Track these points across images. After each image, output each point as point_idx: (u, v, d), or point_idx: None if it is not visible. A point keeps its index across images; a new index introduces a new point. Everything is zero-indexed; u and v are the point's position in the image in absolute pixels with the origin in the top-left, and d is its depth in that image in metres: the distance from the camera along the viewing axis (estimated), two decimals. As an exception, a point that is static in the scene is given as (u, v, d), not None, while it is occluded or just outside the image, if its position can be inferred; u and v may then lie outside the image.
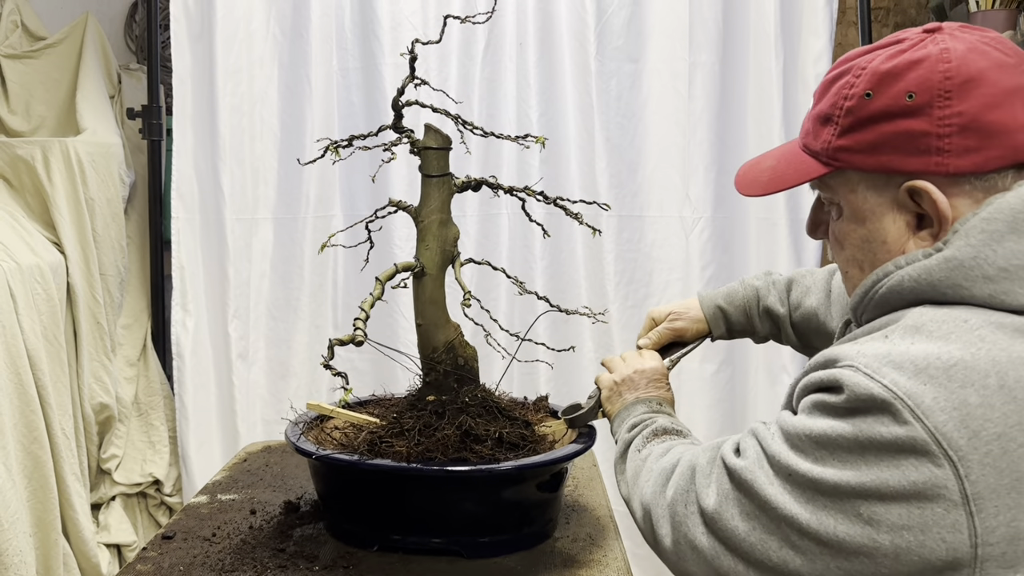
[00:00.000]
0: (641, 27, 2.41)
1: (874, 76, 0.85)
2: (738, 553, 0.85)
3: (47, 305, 2.10)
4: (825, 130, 0.89)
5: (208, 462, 2.40)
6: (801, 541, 0.79)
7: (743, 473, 0.85)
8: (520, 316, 2.45)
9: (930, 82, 0.82)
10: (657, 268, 2.46)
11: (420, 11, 2.40)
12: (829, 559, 0.78)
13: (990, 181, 0.83)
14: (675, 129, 2.43)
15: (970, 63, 0.82)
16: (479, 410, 1.22)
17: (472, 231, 2.43)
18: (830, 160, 0.89)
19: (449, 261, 1.25)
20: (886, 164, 0.85)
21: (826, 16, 2.40)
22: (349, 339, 1.10)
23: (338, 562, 1.14)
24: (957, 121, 0.82)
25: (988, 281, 0.80)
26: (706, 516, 0.88)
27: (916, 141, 0.83)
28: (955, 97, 0.82)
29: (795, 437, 0.81)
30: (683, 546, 0.91)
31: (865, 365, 0.77)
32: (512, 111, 2.42)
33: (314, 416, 1.32)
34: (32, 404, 1.99)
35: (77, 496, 2.14)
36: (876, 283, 0.87)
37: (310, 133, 2.38)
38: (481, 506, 1.18)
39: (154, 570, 1.13)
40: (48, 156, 2.25)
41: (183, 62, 2.37)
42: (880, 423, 0.75)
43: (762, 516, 0.83)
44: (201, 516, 1.32)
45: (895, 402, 0.74)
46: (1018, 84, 0.82)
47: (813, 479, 0.78)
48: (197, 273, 2.42)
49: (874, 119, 0.85)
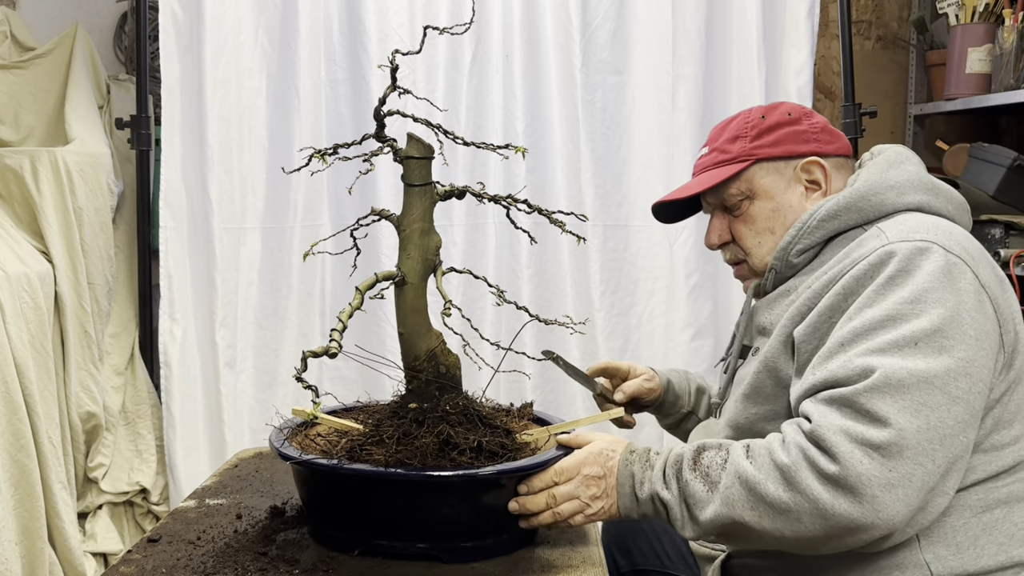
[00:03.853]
0: (625, 40, 2.45)
1: (761, 109, 1.33)
2: (924, 449, 1.01)
3: (35, 314, 2.10)
4: (737, 144, 1.30)
5: (195, 471, 2.40)
6: (959, 384, 1.03)
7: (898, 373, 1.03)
8: (507, 324, 2.47)
9: (796, 108, 1.33)
10: (642, 277, 2.49)
11: (408, 23, 2.42)
12: (980, 367, 1.05)
13: (843, 160, 1.32)
14: (659, 140, 2.46)
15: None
16: (459, 418, 1.22)
17: (459, 240, 2.45)
18: (747, 157, 1.29)
19: (431, 270, 1.26)
20: (788, 150, 1.29)
21: (808, 29, 2.44)
22: (323, 351, 1.10)
23: (318, 566, 1.15)
24: (819, 125, 1.31)
25: (890, 190, 1.21)
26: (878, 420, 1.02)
27: (801, 135, 1.29)
28: (811, 115, 1.33)
29: (894, 312, 1.06)
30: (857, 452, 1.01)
31: (895, 238, 1.12)
32: (499, 122, 2.45)
33: (300, 422, 1.34)
34: (19, 412, 1.99)
35: (64, 505, 2.15)
36: (810, 216, 1.23)
37: (298, 143, 2.40)
38: (460, 511, 1.19)
39: (137, 572, 1.14)
40: (37, 166, 2.26)
41: (172, 72, 2.39)
42: (932, 259, 1.08)
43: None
44: (188, 520, 1.33)
45: (931, 246, 1.09)
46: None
47: (936, 324, 1.05)
48: (185, 282, 2.43)
49: (771, 128, 1.30)
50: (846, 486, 0.99)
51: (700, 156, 1.37)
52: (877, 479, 0.98)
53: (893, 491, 0.98)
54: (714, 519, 1.08)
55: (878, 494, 0.98)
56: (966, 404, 1.02)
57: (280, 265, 2.45)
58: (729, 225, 1.34)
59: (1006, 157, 2.53)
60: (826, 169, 1.28)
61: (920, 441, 0.99)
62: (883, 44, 3.09)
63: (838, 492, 1.00)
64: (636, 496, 1.16)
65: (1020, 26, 2.56)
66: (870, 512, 0.99)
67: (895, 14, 3.10)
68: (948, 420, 1.01)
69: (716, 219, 1.36)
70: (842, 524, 1.00)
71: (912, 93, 3.11)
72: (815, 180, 1.29)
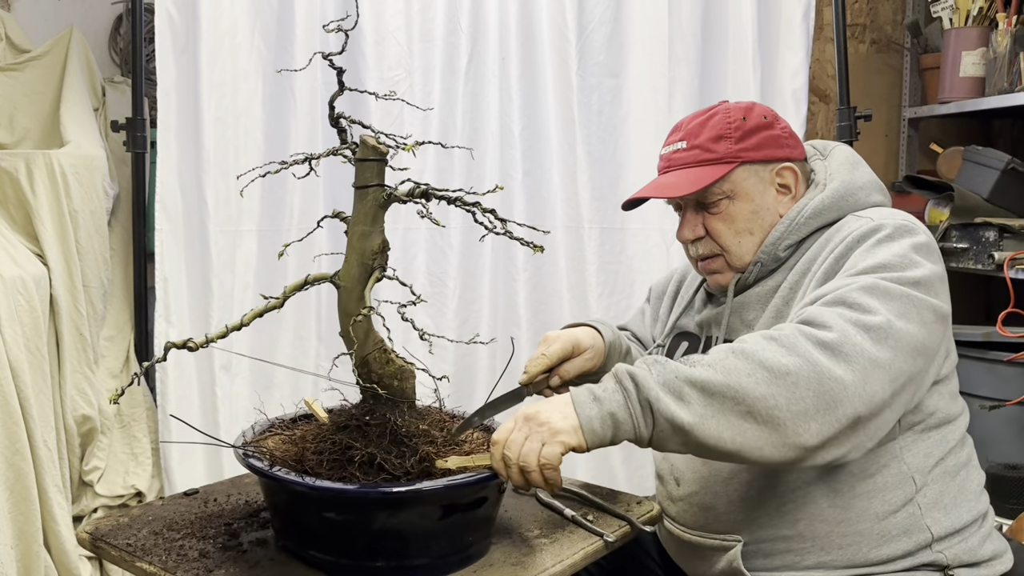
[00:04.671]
0: (622, 43, 2.45)
1: (739, 109, 1.34)
2: (902, 348, 1.09)
3: (30, 317, 2.10)
4: (722, 144, 1.32)
5: (190, 474, 2.40)
6: (929, 315, 1.13)
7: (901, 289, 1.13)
8: (504, 327, 2.47)
9: (768, 112, 1.36)
10: (639, 279, 2.49)
11: (404, 27, 2.43)
12: (942, 327, 1.17)
13: (803, 163, 1.38)
14: (655, 143, 2.43)
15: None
16: (378, 431, 1.14)
17: (455, 243, 2.45)
18: (733, 159, 1.31)
19: (368, 274, 1.20)
20: (768, 155, 1.33)
21: (803, 32, 2.45)
22: (182, 344, 1.12)
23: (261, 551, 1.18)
24: (788, 130, 1.36)
25: (860, 190, 1.31)
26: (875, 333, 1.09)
27: (776, 140, 1.34)
28: (779, 120, 1.36)
29: (885, 262, 1.15)
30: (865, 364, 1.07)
31: (879, 219, 1.22)
32: (495, 125, 2.45)
33: (267, 426, 1.33)
34: (14, 416, 1.99)
35: (59, 508, 2.14)
36: (798, 213, 1.31)
37: (294, 146, 2.40)
38: (351, 528, 1.12)
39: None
40: (32, 168, 2.25)
41: (168, 75, 2.38)
42: (917, 234, 1.20)
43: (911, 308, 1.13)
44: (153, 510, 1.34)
45: (914, 226, 1.21)
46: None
47: (917, 277, 1.14)
48: (180, 285, 2.42)
49: (753, 131, 1.33)
50: (841, 353, 1.05)
51: (675, 149, 1.36)
52: (868, 353, 1.06)
53: (878, 370, 1.06)
54: (706, 383, 1.04)
55: (867, 367, 1.06)
56: (929, 335, 1.13)
57: (276, 268, 2.45)
58: (703, 221, 1.35)
59: (1000, 160, 2.55)
60: (798, 175, 1.34)
61: (901, 339, 1.09)
62: (877, 47, 3.11)
63: (834, 357, 1.05)
64: (595, 395, 1.07)
65: (1013, 30, 2.57)
66: (860, 381, 1.05)
67: (889, 18, 3.11)
68: (919, 336, 1.11)
69: (689, 213, 1.36)
70: (834, 391, 1.04)
71: (906, 96, 3.13)
72: (786, 184, 1.34)
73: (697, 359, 1.08)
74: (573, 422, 1.06)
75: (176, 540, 1.20)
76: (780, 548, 1.23)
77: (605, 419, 1.06)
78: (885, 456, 1.21)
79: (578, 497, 1.38)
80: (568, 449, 1.06)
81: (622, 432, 1.06)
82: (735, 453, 1.05)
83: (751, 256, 1.33)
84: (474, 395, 2.42)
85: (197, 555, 1.15)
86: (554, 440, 1.05)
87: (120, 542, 1.19)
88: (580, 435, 1.06)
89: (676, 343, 1.46)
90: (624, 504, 1.36)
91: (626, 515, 1.31)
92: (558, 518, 1.31)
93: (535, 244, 1.13)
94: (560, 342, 1.34)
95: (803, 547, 1.22)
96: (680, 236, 1.39)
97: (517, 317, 2.48)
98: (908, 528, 1.20)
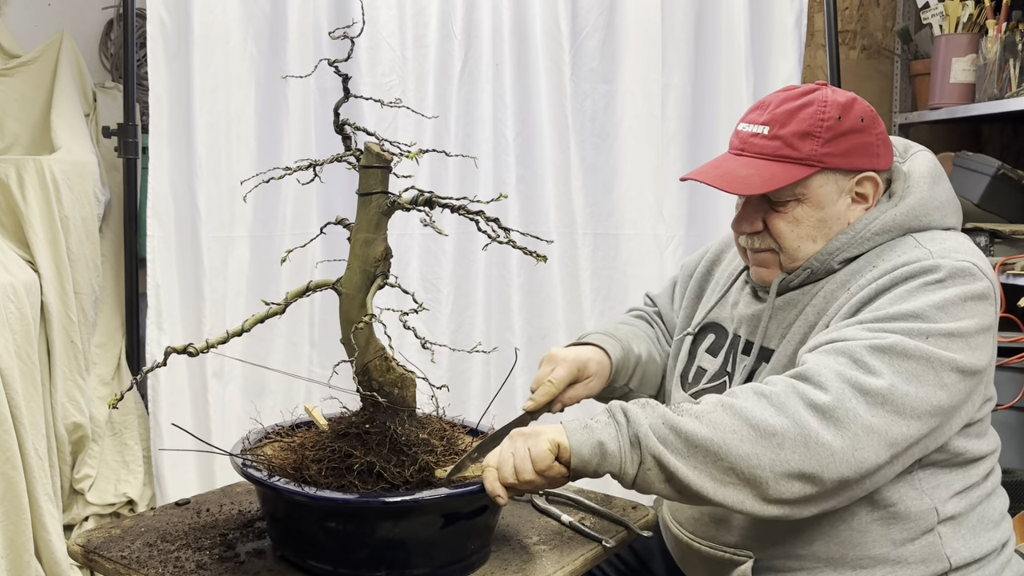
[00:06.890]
0: (615, 49, 2.46)
1: (837, 106, 1.22)
2: (905, 413, 1.05)
3: (20, 324, 2.08)
4: (807, 143, 1.20)
5: (182, 481, 2.38)
6: (951, 376, 1.08)
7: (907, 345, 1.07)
8: (498, 333, 2.47)
9: (867, 112, 1.24)
10: (632, 285, 2.49)
11: (398, 32, 2.42)
12: (970, 383, 1.11)
13: (888, 172, 1.27)
14: (649, 149, 2.48)
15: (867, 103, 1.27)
16: (377, 439, 1.14)
17: (449, 249, 2.45)
18: (816, 163, 1.20)
19: (370, 281, 1.19)
20: (853, 164, 1.22)
21: (795, 39, 2.46)
22: (183, 348, 1.11)
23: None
24: (883, 136, 1.25)
25: (936, 211, 1.23)
26: (875, 398, 1.05)
27: (867, 148, 1.23)
28: (878, 122, 1.25)
29: (919, 311, 1.09)
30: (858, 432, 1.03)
31: (939, 255, 1.15)
32: (488, 131, 2.45)
33: (262, 436, 1.32)
34: (5, 424, 1.97)
35: (50, 516, 2.12)
36: (864, 228, 1.22)
37: (287, 152, 2.39)
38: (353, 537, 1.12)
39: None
40: (22, 174, 2.24)
41: (160, 80, 2.37)
42: (971, 281, 1.12)
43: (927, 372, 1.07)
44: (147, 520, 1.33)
45: (974, 269, 1.13)
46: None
47: (952, 330, 1.09)
48: (172, 291, 2.41)
49: (845, 134, 1.21)
50: (832, 417, 1.03)
51: (755, 133, 1.24)
52: (861, 419, 1.03)
53: (872, 436, 1.03)
54: (690, 435, 1.04)
55: (859, 433, 1.03)
56: (948, 396, 1.08)
57: (269, 274, 2.44)
58: (765, 215, 1.24)
59: (990, 166, 2.57)
60: (878, 185, 1.24)
61: (904, 404, 1.05)
62: (868, 54, 3.13)
63: (824, 421, 1.03)
64: (589, 425, 1.08)
65: (1003, 36, 2.59)
66: (849, 447, 1.02)
67: (880, 24, 3.13)
68: (932, 400, 1.06)
69: (751, 206, 1.26)
70: (820, 456, 1.02)
71: (897, 102, 3.15)
72: (864, 195, 1.24)
73: (687, 408, 1.07)
74: (560, 439, 1.07)
75: (171, 552, 1.19)
76: (792, 566, 1.21)
77: (594, 447, 1.06)
78: (906, 487, 1.17)
79: (574, 503, 1.39)
80: (555, 446, 1.07)
81: (608, 463, 1.06)
82: (717, 504, 1.06)
83: (805, 261, 1.24)
84: (468, 402, 2.42)
85: (194, 567, 1.15)
86: (539, 439, 1.07)
87: (114, 554, 1.18)
88: (565, 438, 1.07)
89: (703, 335, 1.40)
90: (619, 509, 1.37)
91: (623, 519, 1.31)
92: (556, 525, 1.32)
93: (538, 253, 1.14)
94: (566, 366, 1.32)
95: (816, 567, 1.20)
96: (737, 228, 1.28)
97: (511, 323, 2.48)
98: (926, 557, 1.18)
